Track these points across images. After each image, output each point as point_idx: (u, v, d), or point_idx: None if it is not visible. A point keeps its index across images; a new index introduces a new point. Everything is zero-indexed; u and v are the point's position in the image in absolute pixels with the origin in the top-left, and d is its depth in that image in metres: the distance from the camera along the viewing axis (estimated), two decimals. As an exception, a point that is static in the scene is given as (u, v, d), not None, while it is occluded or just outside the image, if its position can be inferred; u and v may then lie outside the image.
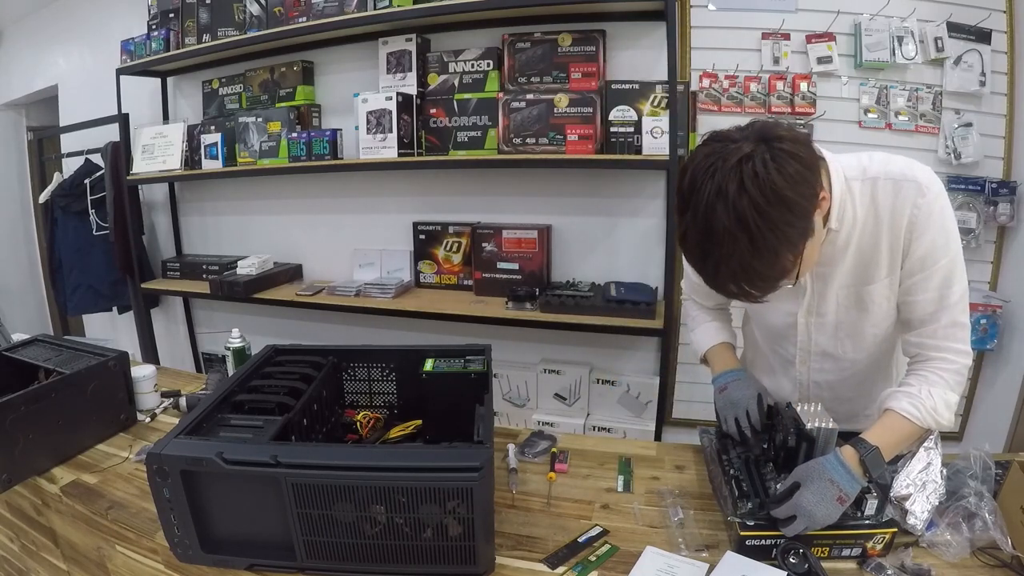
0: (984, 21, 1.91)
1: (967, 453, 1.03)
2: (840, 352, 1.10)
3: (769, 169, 0.77)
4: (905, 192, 0.92)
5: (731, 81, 2.03)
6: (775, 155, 0.78)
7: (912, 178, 0.92)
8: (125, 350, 1.44)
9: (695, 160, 0.82)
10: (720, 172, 0.77)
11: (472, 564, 0.90)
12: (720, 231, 0.77)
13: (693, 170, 0.81)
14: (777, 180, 0.76)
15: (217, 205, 2.88)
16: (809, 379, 1.16)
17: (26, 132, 3.82)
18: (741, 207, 0.75)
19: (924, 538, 0.95)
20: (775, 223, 0.77)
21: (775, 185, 0.76)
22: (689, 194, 0.80)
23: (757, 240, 0.76)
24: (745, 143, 0.79)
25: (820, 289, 1.04)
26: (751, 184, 0.76)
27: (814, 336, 1.10)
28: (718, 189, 0.77)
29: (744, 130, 0.83)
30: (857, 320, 1.05)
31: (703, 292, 1.24)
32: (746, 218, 0.75)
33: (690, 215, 0.80)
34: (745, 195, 0.75)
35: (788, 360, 1.18)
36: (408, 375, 1.31)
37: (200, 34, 2.48)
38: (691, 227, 0.81)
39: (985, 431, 2.07)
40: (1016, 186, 1.94)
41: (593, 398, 2.29)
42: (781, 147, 0.79)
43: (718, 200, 0.77)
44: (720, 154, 0.79)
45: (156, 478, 0.90)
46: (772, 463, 1.06)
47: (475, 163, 2.17)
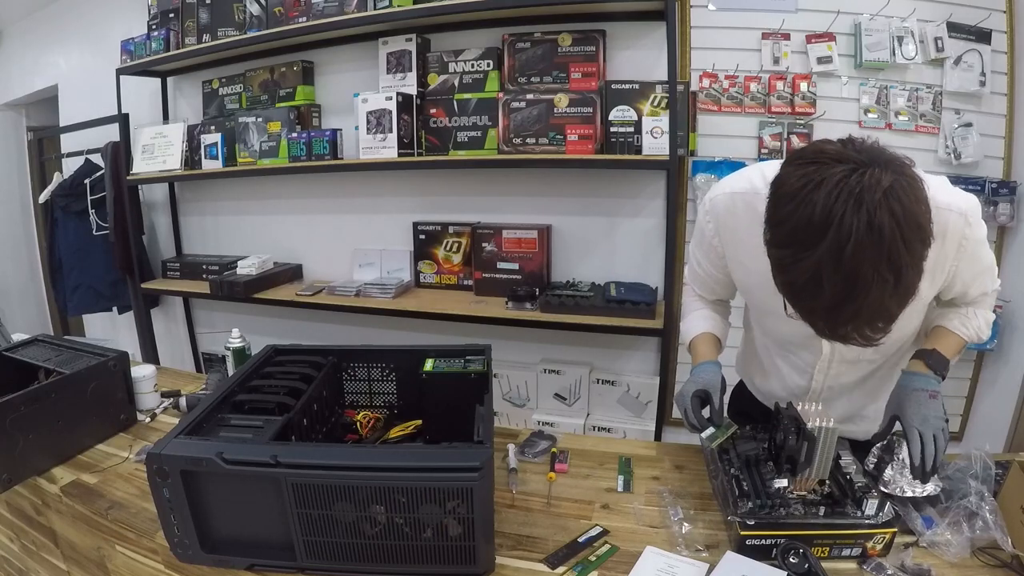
0: (984, 21, 1.91)
1: (968, 453, 1.04)
2: (862, 358, 1.10)
3: (912, 201, 0.69)
4: (953, 224, 0.90)
5: (731, 81, 2.03)
6: (911, 183, 0.70)
7: (958, 209, 0.90)
8: (125, 350, 1.44)
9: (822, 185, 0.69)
10: (868, 204, 0.67)
11: (472, 564, 0.90)
12: (869, 273, 0.68)
13: (827, 197, 0.69)
14: (920, 214, 0.70)
15: (217, 205, 2.88)
16: (824, 385, 1.15)
17: (26, 132, 3.82)
18: (896, 246, 0.67)
19: (924, 537, 0.95)
20: (917, 260, 0.70)
21: (920, 220, 0.69)
22: (824, 226, 0.68)
23: (902, 280, 0.70)
24: (879, 169, 0.69)
25: None
26: (902, 220, 0.67)
27: (839, 348, 1.08)
28: (868, 224, 0.67)
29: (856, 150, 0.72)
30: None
31: (707, 286, 1.21)
32: (898, 257, 0.68)
33: (828, 251, 0.68)
34: (898, 231, 0.67)
35: (802, 369, 1.15)
36: (408, 375, 1.31)
37: (200, 34, 2.48)
38: (830, 267, 0.69)
39: (985, 431, 2.07)
40: (1016, 186, 1.94)
41: (593, 398, 2.29)
42: (910, 173, 0.72)
43: (869, 237, 0.67)
44: (859, 182, 0.68)
45: (156, 478, 0.90)
46: (772, 463, 1.06)
47: (475, 163, 2.17)
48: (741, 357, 1.39)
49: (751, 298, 1.15)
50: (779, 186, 0.76)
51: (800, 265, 0.72)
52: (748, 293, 1.14)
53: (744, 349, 1.37)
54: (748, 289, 1.12)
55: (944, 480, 1.03)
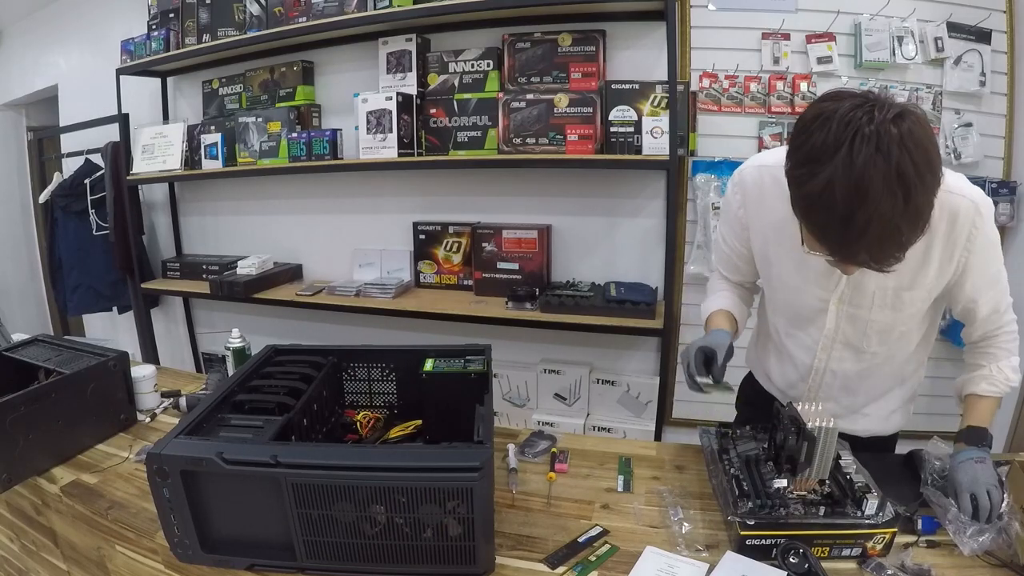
0: (984, 21, 1.91)
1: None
2: (864, 345, 1.10)
3: (920, 130, 0.74)
4: (964, 211, 0.93)
5: (731, 81, 2.03)
6: (920, 118, 0.76)
7: (970, 196, 0.94)
8: (125, 350, 1.43)
9: (839, 110, 0.76)
10: (880, 124, 0.73)
11: (472, 564, 0.90)
12: (879, 183, 0.72)
13: (842, 117, 0.75)
14: (927, 142, 0.75)
15: (217, 205, 2.88)
16: (827, 367, 1.16)
17: (26, 132, 3.82)
18: (905, 161, 0.72)
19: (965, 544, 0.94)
20: (928, 185, 0.75)
21: (927, 146, 0.74)
22: (837, 143, 0.74)
23: (911, 199, 0.73)
24: (888, 104, 0.76)
25: (856, 280, 1.03)
26: (910, 142, 0.73)
27: (843, 325, 1.10)
28: (879, 142, 0.72)
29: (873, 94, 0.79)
30: (890, 319, 1.06)
31: (732, 264, 1.23)
32: (907, 174, 0.72)
33: (840, 166, 0.74)
34: (907, 151, 0.72)
35: (807, 347, 1.16)
36: (408, 375, 1.31)
37: (200, 34, 2.48)
38: (839, 179, 0.74)
39: (985, 431, 2.07)
40: (1016, 186, 1.94)
41: (593, 398, 2.29)
42: (916, 114, 0.76)
43: (879, 154, 0.72)
44: (872, 106, 0.75)
45: (156, 478, 0.90)
46: (772, 463, 1.06)
47: (475, 163, 2.17)
48: (752, 347, 1.40)
49: (768, 270, 1.16)
50: (800, 118, 0.83)
51: (815, 180, 0.76)
52: (766, 264, 1.15)
53: (755, 339, 1.39)
54: (766, 259, 1.14)
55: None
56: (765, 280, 1.21)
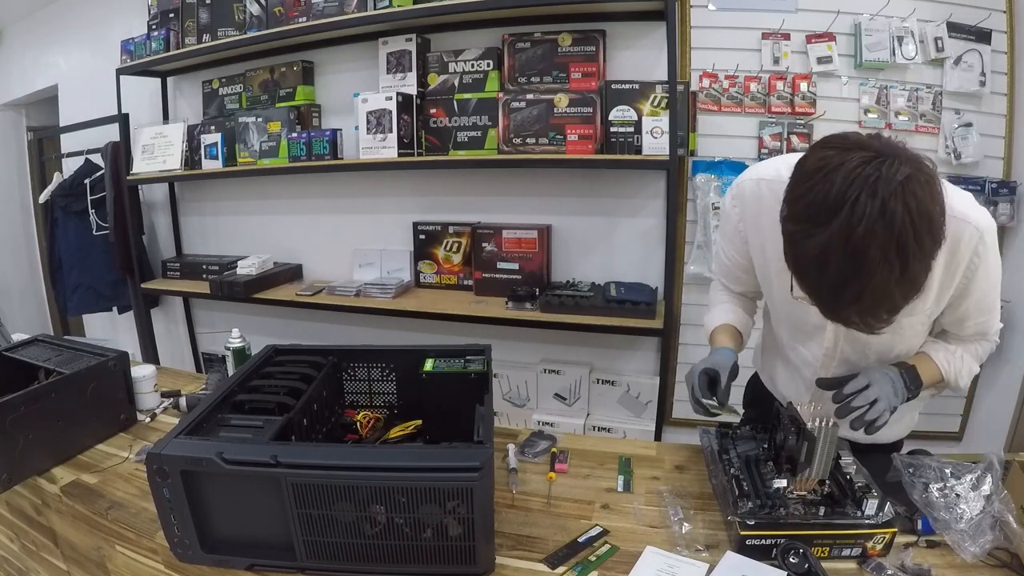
0: (984, 21, 1.91)
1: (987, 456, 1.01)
2: (864, 364, 1.09)
3: (928, 197, 0.70)
4: (968, 238, 0.90)
5: (731, 81, 2.03)
6: (928, 180, 0.72)
7: (975, 222, 0.89)
8: (125, 350, 1.43)
9: (842, 166, 0.72)
10: (884, 189, 0.69)
11: (472, 564, 0.90)
12: (876, 256, 0.70)
13: (844, 179, 0.71)
14: (934, 212, 0.71)
15: (217, 205, 2.88)
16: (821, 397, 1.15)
17: (26, 132, 3.82)
18: (906, 235, 0.69)
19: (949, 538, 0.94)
20: (926, 256, 0.72)
21: (932, 217, 0.71)
22: (837, 205, 0.70)
23: (908, 271, 0.71)
24: (899, 161, 0.71)
25: None
26: (915, 212, 0.69)
27: (841, 344, 1.08)
28: (882, 209, 0.68)
29: (879, 141, 0.75)
30: (888, 342, 1.04)
31: (733, 275, 1.22)
32: (906, 246, 0.69)
33: (838, 232, 0.70)
34: (910, 222, 0.69)
35: (808, 361, 1.15)
36: (408, 375, 1.31)
37: (200, 34, 2.48)
38: (836, 247, 0.71)
39: (985, 431, 2.07)
40: (1016, 186, 1.94)
41: (593, 398, 2.29)
42: (929, 171, 0.73)
43: (881, 222, 0.68)
44: (878, 169, 0.70)
45: (156, 478, 0.90)
46: (772, 463, 1.06)
47: (475, 163, 2.17)
48: (758, 350, 1.40)
49: (768, 287, 1.15)
50: (801, 165, 0.78)
51: (810, 241, 0.73)
52: (766, 281, 1.14)
53: (760, 343, 1.38)
54: (767, 276, 1.12)
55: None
56: (766, 293, 1.19)
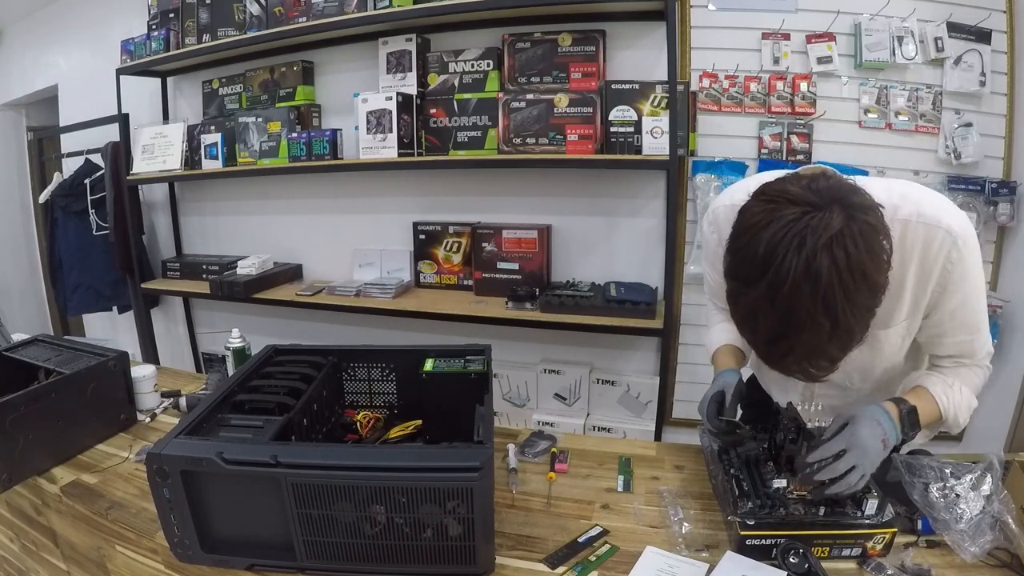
0: (984, 21, 1.91)
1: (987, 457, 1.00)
2: (847, 383, 1.09)
3: (860, 250, 0.69)
4: (939, 242, 0.86)
5: (731, 81, 2.03)
6: (863, 231, 0.70)
7: (947, 227, 0.85)
8: (125, 350, 1.43)
9: (771, 227, 0.71)
10: (809, 248, 0.68)
11: (472, 564, 0.90)
12: (803, 315, 0.70)
13: (772, 237, 0.70)
14: (868, 263, 0.70)
15: (217, 205, 2.88)
16: (814, 405, 1.16)
17: (26, 132, 3.82)
18: (832, 292, 0.68)
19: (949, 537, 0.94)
20: (859, 309, 0.71)
21: (866, 269, 0.70)
22: (763, 267, 0.70)
23: (839, 326, 0.70)
24: (831, 213, 0.70)
25: None
26: (844, 267, 0.68)
27: None
28: (806, 268, 0.68)
29: (817, 192, 0.72)
30: (868, 359, 1.02)
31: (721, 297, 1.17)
32: (834, 304, 0.69)
33: (765, 290, 0.71)
34: (837, 278, 0.68)
35: (793, 384, 1.16)
36: (408, 375, 1.31)
37: (200, 34, 2.48)
38: (766, 306, 0.72)
39: (985, 431, 2.07)
40: (1016, 186, 1.94)
41: (593, 398, 2.29)
42: (866, 220, 0.71)
43: (806, 281, 0.68)
44: (807, 224, 0.69)
45: (156, 478, 0.90)
46: (772, 463, 1.06)
47: (475, 163, 2.17)
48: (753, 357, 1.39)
49: None
50: (739, 217, 0.77)
51: (742, 299, 0.75)
52: None
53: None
54: None
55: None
56: None
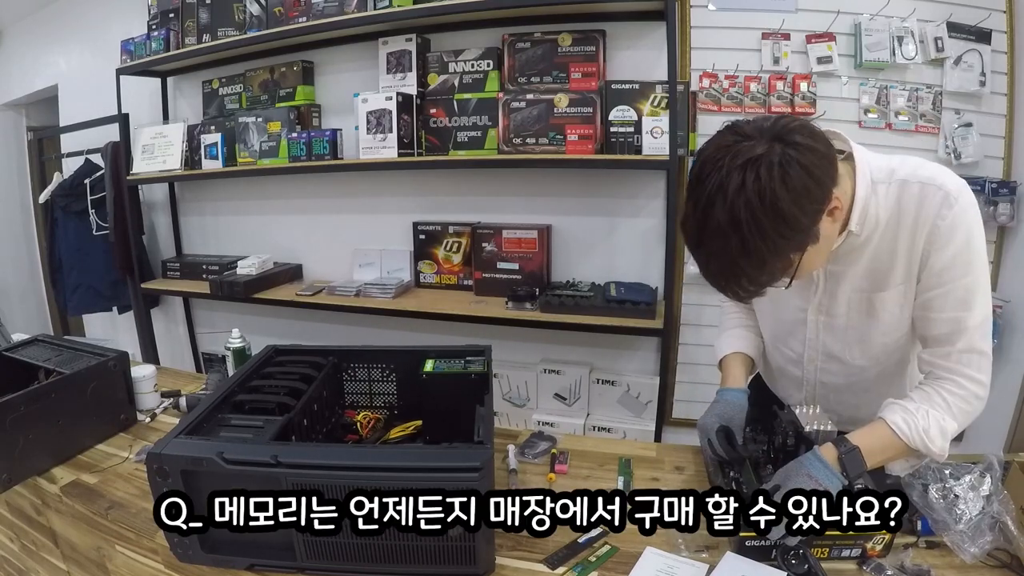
0: (984, 21, 1.91)
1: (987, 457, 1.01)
2: (848, 357, 1.08)
3: (774, 177, 0.75)
4: (931, 199, 0.88)
5: (731, 81, 2.03)
6: (785, 161, 0.76)
7: (941, 185, 0.88)
8: (125, 350, 1.44)
9: (707, 150, 0.81)
10: (726, 168, 0.76)
11: (472, 564, 0.90)
12: (713, 226, 0.77)
13: (703, 160, 0.80)
14: (779, 191, 0.75)
15: (217, 205, 2.88)
16: (816, 379, 1.15)
17: (26, 132, 3.82)
18: (737, 209, 0.75)
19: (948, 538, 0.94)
20: (767, 233, 0.76)
21: (775, 196, 0.75)
22: (695, 183, 0.80)
23: (748, 244, 0.77)
24: (759, 142, 0.77)
25: (832, 288, 1.02)
26: (752, 189, 0.75)
27: (822, 335, 1.08)
28: (720, 185, 0.76)
29: (762, 126, 0.80)
30: (867, 326, 1.02)
31: None
32: (739, 220, 0.75)
33: (691, 203, 0.81)
34: (743, 197, 0.75)
35: (794, 360, 1.16)
36: (408, 375, 1.31)
37: (200, 34, 2.48)
38: (691, 215, 0.81)
39: (985, 431, 2.07)
40: (1016, 186, 1.94)
41: (593, 398, 2.29)
42: (793, 154, 0.76)
43: (718, 195, 0.76)
44: (731, 150, 0.77)
45: (156, 478, 0.90)
46: (772, 465, 1.06)
47: (475, 163, 2.17)
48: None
49: None
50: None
51: (684, 211, 0.84)
52: None
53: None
54: None
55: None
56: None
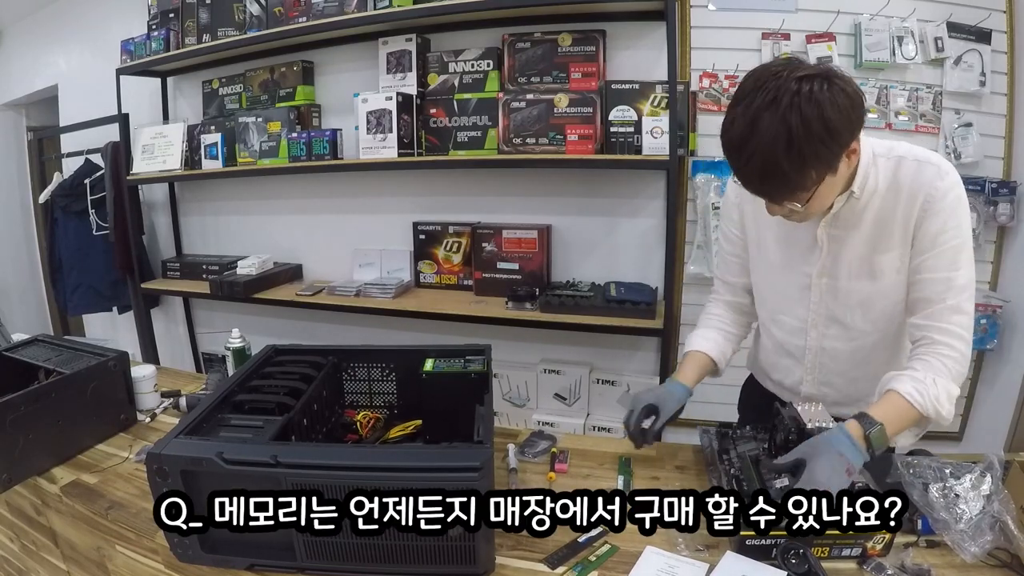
0: (984, 21, 1.91)
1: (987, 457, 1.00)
2: (850, 320, 1.13)
3: (824, 93, 0.87)
4: (926, 173, 0.99)
5: (731, 81, 2.03)
6: (832, 86, 0.87)
7: (935, 163, 1.00)
8: (125, 350, 1.44)
9: (764, 67, 0.93)
10: (784, 78, 0.87)
11: (472, 564, 0.90)
12: (764, 125, 0.87)
13: (759, 73, 0.91)
14: (826, 104, 0.86)
15: (217, 205, 2.88)
16: (819, 345, 1.18)
17: (26, 132, 3.82)
18: (792, 110, 0.85)
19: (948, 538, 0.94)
20: (812, 137, 0.86)
21: (822, 106, 0.86)
22: (749, 91, 0.90)
23: (793, 144, 0.86)
24: (808, 69, 0.89)
25: (835, 251, 1.09)
26: (806, 97, 0.86)
27: (826, 298, 1.14)
28: (775, 96, 0.87)
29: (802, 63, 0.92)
30: (868, 288, 1.09)
31: (729, 266, 1.29)
32: (790, 123, 0.85)
33: (742, 107, 0.89)
34: (798, 102, 0.86)
35: (797, 328, 1.19)
36: (408, 375, 1.31)
37: (200, 34, 2.48)
38: (740, 117, 0.89)
39: (985, 431, 2.07)
40: (1016, 186, 1.94)
41: (593, 398, 2.29)
42: (839, 83, 0.88)
43: (771, 105, 0.87)
44: (788, 67, 0.89)
45: (156, 478, 0.90)
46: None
47: (475, 163, 2.17)
48: (751, 349, 1.42)
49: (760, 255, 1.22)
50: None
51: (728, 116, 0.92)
52: (758, 249, 1.22)
53: (753, 342, 1.40)
54: (758, 243, 1.21)
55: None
56: (754, 267, 1.25)
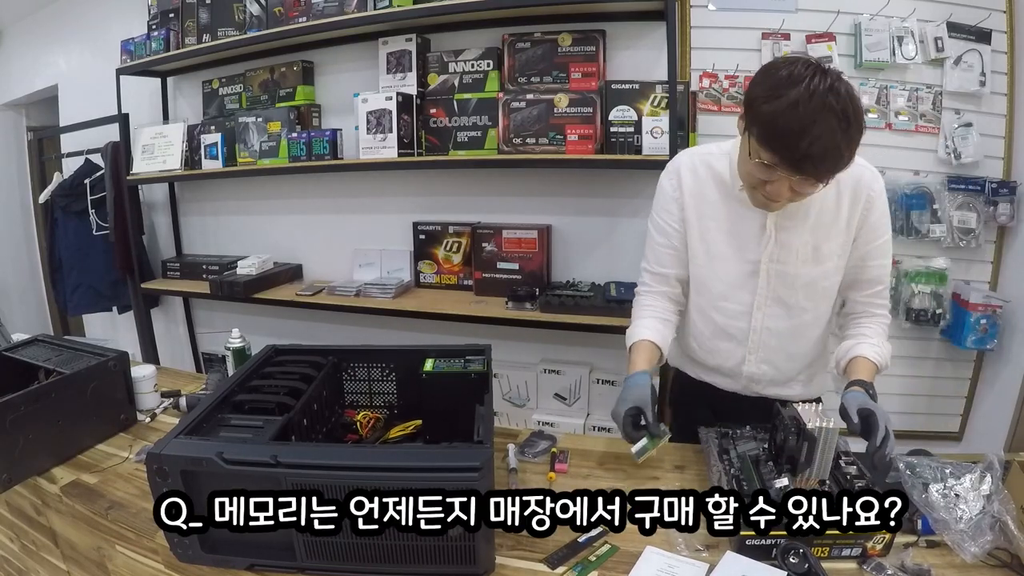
0: (984, 21, 1.91)
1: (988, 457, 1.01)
2: (792, 300, 1.23)
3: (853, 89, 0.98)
4: (866, 176, 1.16)
5: (731, 81, 2.03)
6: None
7: (870, 167, 1.18)
8: (125, 350, 1.44)
9: (787, 64, 0.99)
10: (831, 75, 0.96)
11: (472, 564, 0.90)
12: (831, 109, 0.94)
13: (791, 69, 0.97)
14: (857, 99, 0.97)
15: (217, 205, 2.88)
16: (762, 325, 1.26)
17: (26, 132, 3.82)
18: (846, 101, 0.95)
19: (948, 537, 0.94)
20: (860, 120, 0.97)
21: (857, 101, 0.97)
22: (791, 82, 0.96)
23: (849, 128, 0.95)
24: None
25: (784, 239, 1.19)
26: (849, 91, 0.96)
27: (773, 282, 1.22)
28: (831, 85, 0.95)
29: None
30: (814, 272, 1.21)
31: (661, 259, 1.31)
32: (848, 111, 0.95)
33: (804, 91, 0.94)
34: (849, 96, 0.96)
35: (741, 312, 1.26)
36: (408, 375, 1.31)
37: (200, 34, 2.48)
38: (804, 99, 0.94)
39: (985, 431, 2.07)
40: (1016, 186, 1.94)
41: (593, 398, 2.29)
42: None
43: (830, 92, 0.94)
44: (816, 67, 0.97)
45: (156, 478, 0.90)
46: (773, 463, 1.06)
47: (475, 163, 2.17)
48: (674, 343, 1.41)
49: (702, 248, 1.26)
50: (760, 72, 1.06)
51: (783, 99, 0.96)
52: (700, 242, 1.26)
53: (677, 337, 1.40)
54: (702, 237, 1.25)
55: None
56: (694, 258, 1.28)
